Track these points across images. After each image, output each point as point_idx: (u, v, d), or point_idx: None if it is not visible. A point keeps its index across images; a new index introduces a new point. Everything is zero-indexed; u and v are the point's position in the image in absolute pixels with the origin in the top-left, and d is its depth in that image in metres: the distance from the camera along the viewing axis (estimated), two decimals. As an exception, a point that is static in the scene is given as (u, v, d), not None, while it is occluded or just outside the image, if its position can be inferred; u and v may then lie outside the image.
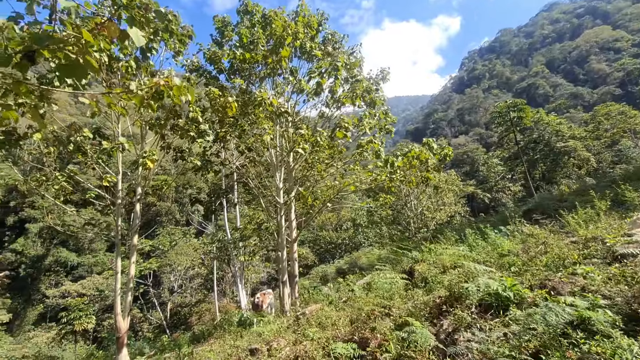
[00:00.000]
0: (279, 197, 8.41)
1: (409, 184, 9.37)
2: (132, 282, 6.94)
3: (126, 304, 6.81)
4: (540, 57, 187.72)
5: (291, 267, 8.84)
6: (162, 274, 44.27)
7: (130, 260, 7.13)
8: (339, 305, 5.26)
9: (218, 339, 7.20)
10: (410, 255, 6.58)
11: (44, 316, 55.56)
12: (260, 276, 39.64)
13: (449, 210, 24.73)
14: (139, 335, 43.47)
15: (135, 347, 8.53)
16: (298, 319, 5.25)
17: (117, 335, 6.55)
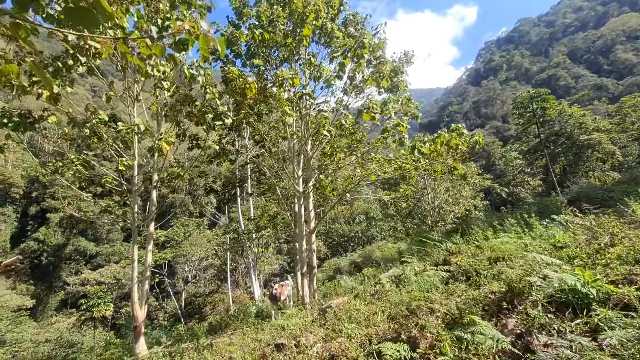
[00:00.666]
0: (297, 185, 8.07)
1: (434, 173, 8.92)
2: (149, 271, 6.77)
3: (143, 293, 6.65)
4: (561, 47, 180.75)
5: (309, 258, 8.53)
6: (177, 264, 45.00)
7: (147, 248, 6.95)
8: (366, 299, 4.91)
9: (236, 330, 6.97)
10: (442, 246, 6.15)
11: (65, 302, 57.53)
12: (272, 268, 39.78)
13: (467, 204, 24.01)
14: (155, 323, 44.50)
15: (152, 336, 8.44)
16: (324, 312, 4.92)
17: (134, 324, 6.40)
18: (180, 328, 13.69)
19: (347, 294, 6.04)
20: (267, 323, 5.97)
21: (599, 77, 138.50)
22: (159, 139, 5.97)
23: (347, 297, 5.43)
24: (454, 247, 5.85)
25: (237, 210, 24.70)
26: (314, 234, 8.68)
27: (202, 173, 13.92)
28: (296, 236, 9.35)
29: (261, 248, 24.61)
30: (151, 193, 7.39)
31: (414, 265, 5.90)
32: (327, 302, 5.47)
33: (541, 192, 56.75)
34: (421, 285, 4.41)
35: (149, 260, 6.85)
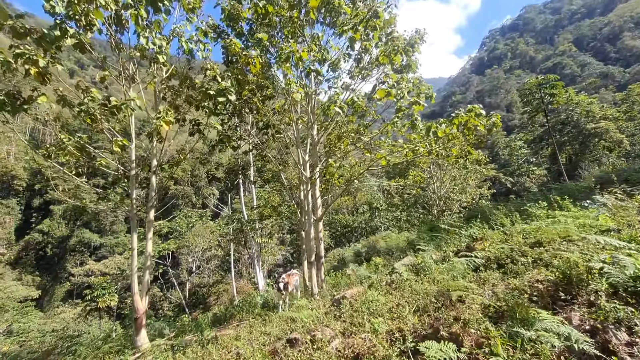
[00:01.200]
0: (304, 171, 7.65)
1: (447, 158, 8.49)
2: (150, 261, 6.43)
3: (144, 283, 6.32)
4: (567, 35, 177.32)
5: (316, 247, 8.17)
6: (180, 255, 45.09)
7: (147, 237, 6.59)
8: (383, 289, 4.55)
9: (242, 321, 6.65)
10: (465, 233, 5.73)
11: (71, 293, 58.02)
12: (276, 258, 39.72)
13: (473, 193, 23.60)
14: (159, 313, 44.83)
15: (154, 327, 8.16)
16: (338, 303, 4.56)
17: (135, 315, 6.07)
18: (185, 318, 13.46)
19: (359, 283, 5.68)
20: (275, 315, 5.62)
21: (605, 65, 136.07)
22: (156, 118, 5.55)
23: (362, 287, 5.06)
24: (478, 232, 5.43)
25: (240, 200, 24.41)
26: (320, 222, 8.30)
27: (204, 159, 13.45)
28: (302, 225, 8.99)
29: (265, 238, 24.37)
30: (151, 179, 7.00)
31: (430, 253, 5.52)
32: (341, 293, 5.10)
33: (546, 181, 56.18)
34: (447, 274, 4.03)
35: (149, 249, 6.51)
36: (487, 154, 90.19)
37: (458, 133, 6.95)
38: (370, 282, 5.13)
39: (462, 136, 7.04)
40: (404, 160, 8.24)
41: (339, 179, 9.54)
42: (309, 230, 7.41)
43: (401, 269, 5.05)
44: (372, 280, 5.20)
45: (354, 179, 8.27)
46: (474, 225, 6.14)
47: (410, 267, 5.16)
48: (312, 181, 8.06)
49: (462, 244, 5.48)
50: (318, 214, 7.63)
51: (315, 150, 8.87)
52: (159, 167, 7.75)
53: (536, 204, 6.25)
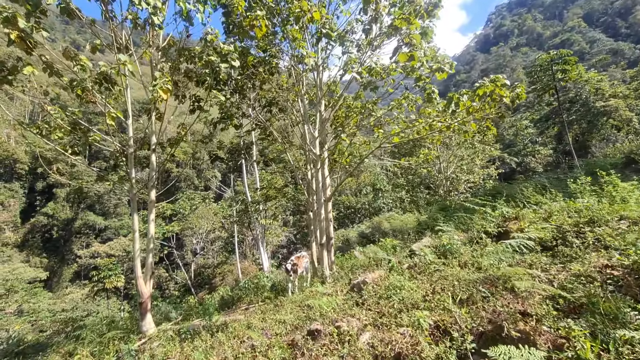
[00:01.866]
0: (314, 147, 7.18)
1: (464, 133, 7.98)
2: (153, 243, 6.09)
3: (148, 266, 6.02)
4: (577, 10, 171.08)
5: (326, 229, 7.81)
6: (185, 236, 45.35)
7: (149, 218, 6.23)
8: (406, 273, 4.19)
9: (251, 305, 6.39)
10: (495, 212, 5.27)
11: (79, 274, 58.99)
12: (279, 239, 39.84)
13: (480, 173, 23.12)
14: (165, 293, 45.58)
15: (161, 310, 7.95)
16: (358, 289, 4.22)
17: (139, 300, 5.80)
18: (191, 300, 13.35)
19: (374, 266, 5.34)
20: (286, 299, 5.31)
21: (616, 42, 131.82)
22: (153, 86, 5.05)
23: (382, 270, 4.70)
24: (511, 211, 4.98)
25: (243, 181, 24.07)
26: (330, 202, 7.90)
27: (206, 138, 12.79)
28: (310, 205, 8.62)
29: (269, 220, 24.22)
30: (150, 158, 6.56)
31: (452, 234, 5.14)
32: (358, 276, 4.75)
33: (552, 161, 55.50)
34: (487, 258, 3.64)
35: (151, 231, 6.16)
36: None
37: (482, 105, 6.42)
38: (391, 265, 4.77)
39: (483, 109, 6.50)
40: (418, 137, 7.74)
41: (348, 157, 9.08)
42: (319, 210, 7.03)
43: (423, 251, 4.68)
44: (391, 263, 4.84)
45: (365, 157, 7.82)
46: (501, 203, 5.70)
47: (433, 249, 4.79)
48: (321, 159, 7.60)
49: (489, 224, 5.07)
50: (327, 193, 7.22)
51: (323, 127, 8.37)
52: (159, 146, 7.30)
53: (573, 180, 5.77)
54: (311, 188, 9.09)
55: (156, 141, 6.67)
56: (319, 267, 6.92)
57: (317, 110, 7.71)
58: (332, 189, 7.99)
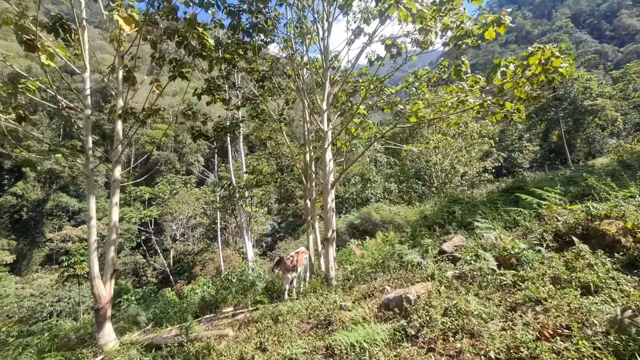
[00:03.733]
0: (322, 123, 5.96)
1: (491, 115, 6.96)
2: (116, 232, 4.77)
3: (108, 263, 4.71)
4: (565, 10, 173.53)
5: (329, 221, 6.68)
6: (164, 222, 43.40)
7: (112, 201, 4.86)
8: (452, 285, 3.13)
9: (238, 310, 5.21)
10: (577, 207, 4.17)
11: (51, 258, 56.03)
12: (264, 228, 38.61)
13: (477, 166, 22.47)
14: (142, 280, 43.73)
15: (127, 313, 6.63)
16: (399, 308, 3.11)
17: (96, 305, 4.47)
18: (167, 293, 12.02)
19: (398, 268, 4.28)
20: (286, 308, 4.16)
21: (600, 43, 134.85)
22: (109, 11, 3.67)
23: (427, 282, 3.62)
24: (600, 208, 3.91)
25: (229, 166, 22.66)
26: (333, 189, 6.72)
27: (189, 110, 11.08)
28: (308, 192, 7.42)
29: (254, 207, 22.96)
30: (116, 125, 5.16)
31: (498, 232, 4.13)
32: (396, 291, 3.64)
33: (537, 158, 56.38)
34: (586, 271, 2.60)
35: (114, 218, 4.82)
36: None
37: (531, 77, 5.37)
38: (430, 272, 3.71)
39: (530, 82, 5.47)
40: (437, 118, 6.65)
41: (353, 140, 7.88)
42: (326, 197, 5.85)
43: (470, 254, 3.63)
44: (430, 269, 3.78)
45: (377, 140, 6.71)
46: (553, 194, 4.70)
47: (476, 251, 3.75)
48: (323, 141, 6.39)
49: (556, 223, 4.01)
50: (330, 179, 6.05)
51: (327, 101, 7.10)
52: (130, 114, 5.90)
53: None
54: (309, 173, 7.88)
55: (123, 105, 5.26)
56: (325, 266, 5.78)
57: (325, 77, 6.45)
58: (335, 175, 6.81)
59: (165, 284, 39.69)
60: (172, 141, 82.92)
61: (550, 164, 49.76)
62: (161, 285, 40.30)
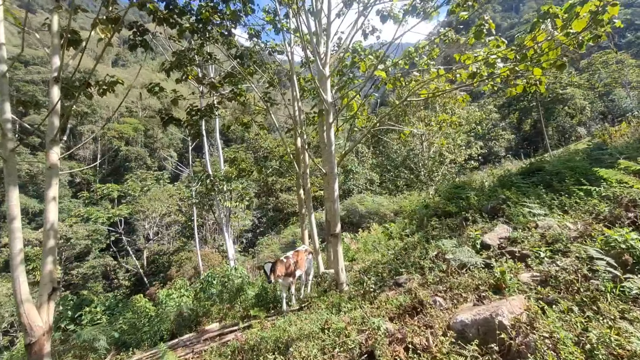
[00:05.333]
0: (325, 93, 4.81)
1: (512, 88, 6.23)
2: (53, 239, 3.44)
3: (44, 280, 3.37)
4: (532, 4, 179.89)
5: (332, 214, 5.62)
6: (136, 221, 40.70)
7: (47, 196, 3.51)
8: (545, 299, 2.19)
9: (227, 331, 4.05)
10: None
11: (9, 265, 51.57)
12: (244, 223, 37.06)
13: (464, 153, 22.14)
14: (114, 283, 40.96)
15: (82, 339, 5.23)
16: (479, 338, 2.10)
17: (27, 340, 3.16)
18: (138, 302, 10.51)
19: (409, 267, 3.29)
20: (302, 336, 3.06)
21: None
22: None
23: (517, 296, 2.61)
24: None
25: (205, 159, 21.13)
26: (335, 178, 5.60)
27: (155, 85, 9.36)
28: (302, 180, 6.30)
29: (234, 202, 21.58)
30: (51, 91, 3.79)
31: (563, 219, 3.26)
32: (471, 310, 2.59)
33: (511, 147, 57.95)
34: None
35: (50, 218, 3.45)
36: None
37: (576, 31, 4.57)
38: (494, 276, 2.74)
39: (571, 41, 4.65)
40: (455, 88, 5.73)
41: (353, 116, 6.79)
42: (330, 185, 4.76)
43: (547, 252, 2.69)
44: (499, 272, 2.81)
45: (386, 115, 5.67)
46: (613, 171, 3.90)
47: (545, 243, 2.82)
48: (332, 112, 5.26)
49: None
50: (334, 163, 4.95)
51: (329, 63, 5.93)
52: (62, 70, 4.51)
53: None
54: (301, 159, 6.75)
55: (60, 65, 3.88)
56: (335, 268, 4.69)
57: (327, 34, 5.30)
58: (341, 157, 5.71)
59: (139, 286, 37.30)
60: (143, 136, 78.67)
61: (525, 151, 51.22)
62: (134, 288, 37.86)
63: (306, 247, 5.60)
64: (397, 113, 17.52)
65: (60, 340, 5.38)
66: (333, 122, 4.88)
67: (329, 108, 4.88)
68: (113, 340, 5.15)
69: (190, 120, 8.97)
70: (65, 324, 8.99)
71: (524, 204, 4.34)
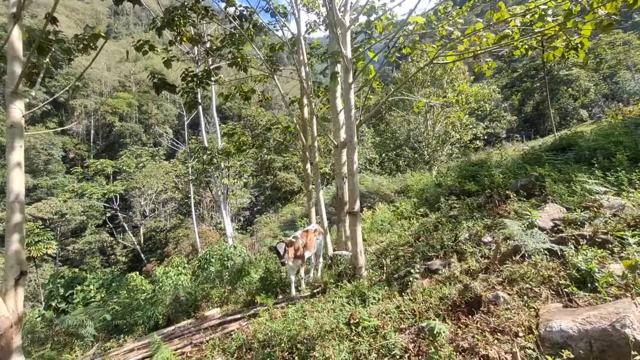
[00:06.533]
0: (343, 45, 4.07)
1: (551, 51, 5.58)
2: (21, 213, 2.84)
3: (9, 263, 2.82)
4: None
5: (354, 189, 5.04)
6: (132, 197, 40.12)
7: (10, 160, 2.86)
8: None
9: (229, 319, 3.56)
10: None
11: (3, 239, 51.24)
12: (242, 201, 36.63)
13: (469, 133, 21.46)
14: (111, 259, 40.82)
15: (64, 324, 4.71)
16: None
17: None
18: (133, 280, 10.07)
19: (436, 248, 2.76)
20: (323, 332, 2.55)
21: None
22: None
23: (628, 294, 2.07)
24: None
25: (201, 136, 20.37)
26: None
27: (145, 42, 8.19)
28: (309, 154, 5.69)
29: (232, 179, 21.01)
30: (10, 31, 3.08)
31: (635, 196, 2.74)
32: (573, 315, 1.96)
33: (512, 128, 57.31)
34: None
35: (15, 188, 2.81)
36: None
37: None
38: (579, 269, 2.21)
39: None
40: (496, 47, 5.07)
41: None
42: (350, 155, 4.14)
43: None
44: (576, 262, 2.28)
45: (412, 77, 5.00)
46: None
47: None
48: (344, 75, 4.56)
49: None
50: (354, 129, 4.30)
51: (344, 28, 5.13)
52: (52, 39, 3.79)
53: None
54: (308, 130, 6.09)
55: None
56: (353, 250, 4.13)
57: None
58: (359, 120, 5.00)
59: (136, 262, 37.19)
60: (137, 111, 76.72)
61: (525, 133, 50.61)
62: (132, 264, 37.78)
63: (316, 227, 5.06)
64: (406, 87, 16.67)
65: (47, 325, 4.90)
66: (353, 82, 4.20)
67: (348, 65, 4.15)
68: (104, 325, 4.68)
69: (186, 87, 8.20)
70: (56, 302, 8.54)
71: (573, 180, 3.79)
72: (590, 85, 50.31)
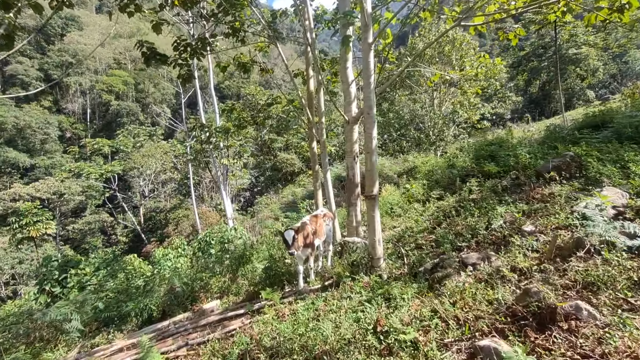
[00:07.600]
0: (365, 2, 3.43)
1: (589, 18, 4.96)
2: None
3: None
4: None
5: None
6: (131, 177, 39.63)
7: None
8: None
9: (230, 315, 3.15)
10: None
11: (5, 218, 51.16)
12: (242, 182, 36.18)
13: (477, 112, 20.71)
14: (111, 239, 40.80)
15: (48, 318, 4.28)
16: None
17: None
18: (131, 262, 9.79)
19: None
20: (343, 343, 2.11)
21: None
22: None
23: None
24: None
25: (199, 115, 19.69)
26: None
27: (130, 2, 6.86)
28: (316, 132, 5.17)
29: (231, 159, 20.47)
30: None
31: None
32: None
33: (517, 109, 56.34)
34: None
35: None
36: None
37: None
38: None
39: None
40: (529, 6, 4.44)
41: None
42: (369, 131, 3.58)
43: None
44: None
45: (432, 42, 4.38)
46: None
47: None
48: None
49: None
50: (373, 99, 3.72)
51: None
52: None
53: None
54: (315, 105, 5.52)
55: None
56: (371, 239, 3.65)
57: None
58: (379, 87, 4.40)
59: (137, 242, 37.15)
60: (133, 90, 74.96)
61: (531, 114, 49.54)
62: (132, 244, 37.76)
63: (325, 211, 4.57)
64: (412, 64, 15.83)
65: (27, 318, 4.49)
66: (373, 43, 3.56)
67: (368, 22, 3.49)
68: (94, 316, 4.28)
69: (179, 57, 7.53)
70: (50, 286, 8.18)
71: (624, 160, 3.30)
72: (600, 64, 48.82)
